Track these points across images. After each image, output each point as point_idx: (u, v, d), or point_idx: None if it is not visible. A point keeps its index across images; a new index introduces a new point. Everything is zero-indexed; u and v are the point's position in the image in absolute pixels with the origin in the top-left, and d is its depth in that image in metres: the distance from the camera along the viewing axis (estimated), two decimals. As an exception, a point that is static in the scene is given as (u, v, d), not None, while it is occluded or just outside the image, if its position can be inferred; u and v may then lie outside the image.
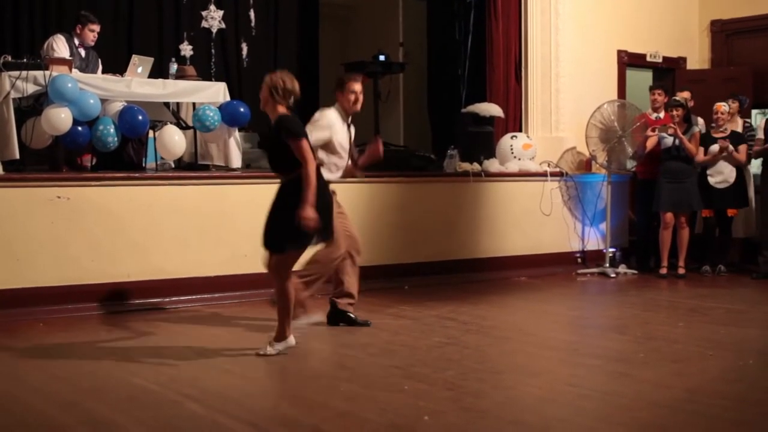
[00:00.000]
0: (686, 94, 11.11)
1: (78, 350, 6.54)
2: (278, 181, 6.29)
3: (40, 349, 6.61)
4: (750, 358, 6.43)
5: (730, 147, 10.36)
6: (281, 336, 6.28)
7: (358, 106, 7.09)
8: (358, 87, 7.03)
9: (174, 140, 8.96)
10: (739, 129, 10.86)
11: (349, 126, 7.16)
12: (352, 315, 7.30)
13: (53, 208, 7.85)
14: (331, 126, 6.99)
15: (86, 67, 9.29)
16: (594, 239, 11.33)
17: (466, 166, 10.38)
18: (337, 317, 7.30)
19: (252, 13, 12.67)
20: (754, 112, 12.31)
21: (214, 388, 5.45)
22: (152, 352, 6.44)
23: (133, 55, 9.41)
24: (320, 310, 7.35)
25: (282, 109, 6.19)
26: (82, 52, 9.35)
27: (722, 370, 6.03)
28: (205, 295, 8.49)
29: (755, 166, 10.98)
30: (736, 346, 6.78)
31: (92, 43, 9.42)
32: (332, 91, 7.26)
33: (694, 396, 5.31)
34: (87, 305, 7.90)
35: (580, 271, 10.91)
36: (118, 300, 8.09)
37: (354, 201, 9.29)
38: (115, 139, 8.56)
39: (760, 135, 10.49)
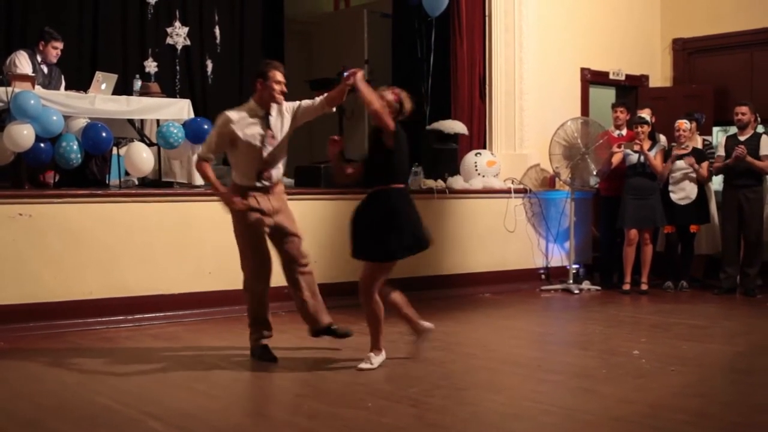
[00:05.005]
0: (648, 111, 11.20)
1: (39, 368, 6.47)
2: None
3: (1, 367, 6.55)
4: (711, 373, 6.50)
5: (695, 164, 10.45)
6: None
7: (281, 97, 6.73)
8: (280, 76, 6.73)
9: (142, 157, 8.92)
10: (699, 146, 10.96)
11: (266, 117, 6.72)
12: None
13: (15, 225, 7.79)
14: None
15: (49, 83, 9.25)
16: (558, 256, 11.39)
17: (430, 182, 10.41)
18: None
19: (217, 30, 12.68)
20: (715, 129, 12.44)
21: (177, 406, 5.43)
22: (115, 370, 6.39)
23: (97, 72, 9.39)
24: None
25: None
26: (45, 69, 9.30)
27: (684, 385, 6.08)
28: (169, 313, 8.44)
29: (717, 182, 11.11)
30: (697, 361, 6.83)
31: (55, 60, 9.38)
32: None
33: (655, 411, 5.35)
34: (49, 323, 7.82)
35: (543, 287, 10.97)
36: (80, 317, 8.02)
37: (318, 217, 9.31)
38: (79, 156, 8.52)
39: (721, 152, 10.60)
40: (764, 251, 10.68)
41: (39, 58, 9.26)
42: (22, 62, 9.05)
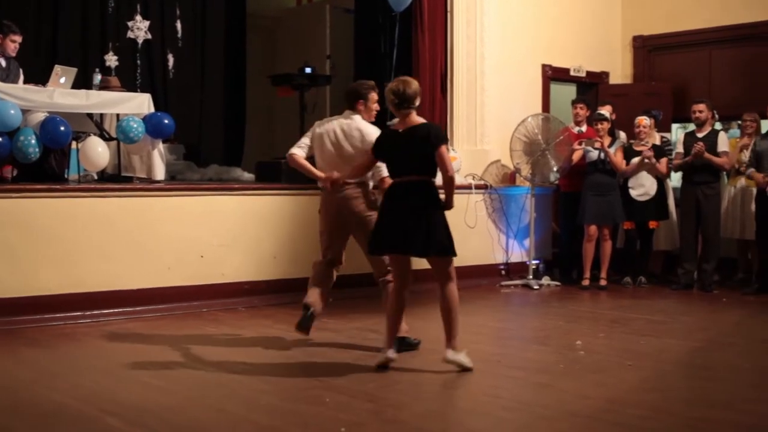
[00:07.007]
0: (608, 108, 11.26)
1: (-5, 365, 6.43)
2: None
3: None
4: (669, 368, 6.55)
5: (653, 158, 10.52)
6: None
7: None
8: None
9: (97, 152, 8.86)
10: (657, 143, 11.04)
11: None
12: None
13: (-29, 220, 7.72)
14: None
15: (7, 77, 9.14)
16: (518, 251, 11.43)
17: (391, 178, 10.38)
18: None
19: (179, 24, 12.61)
20: (674, 126, 12.54)
21: (133, 403, 5.40)
22: (72, 367, 6.35)
23: (56, 65, 9.29)
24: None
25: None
26: (3, 62, 9.19)
27: (641, 380, 6.12)
28: (127, 309, 8.38)
29: (675, 179, 11.19)
30: (654, 357, 6.88)
31: (13, 54, 9.27)
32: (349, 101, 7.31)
33: (613, 406, 5.39)
34: (5, 319, 7.72)
35: (503, 283, 11.00)
36: (37, 313, 7.93)
37: (279, 213, 9.29)
38: (37, 150, 8.44)
39: (680, 149, 10.68)
40: (721, 247, 10.79)
41: (-4, 51, 9.17)
42: (-20, 55, 8.96)
